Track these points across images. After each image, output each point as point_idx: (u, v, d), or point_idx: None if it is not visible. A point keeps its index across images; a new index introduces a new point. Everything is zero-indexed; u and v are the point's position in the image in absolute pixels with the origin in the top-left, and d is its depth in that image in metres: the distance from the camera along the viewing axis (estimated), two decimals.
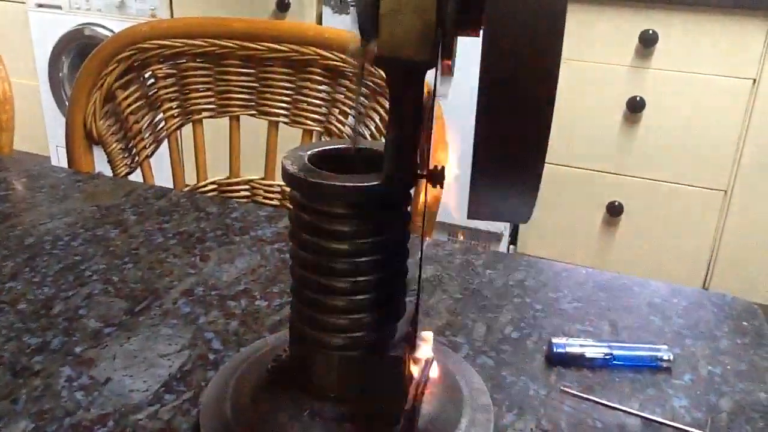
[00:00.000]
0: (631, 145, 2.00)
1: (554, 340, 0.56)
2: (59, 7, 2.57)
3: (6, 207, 0.80)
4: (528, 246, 2.21)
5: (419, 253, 0.45)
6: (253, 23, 0.92)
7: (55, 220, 0.76)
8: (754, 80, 1.82)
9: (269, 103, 0.96)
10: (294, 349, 0.44)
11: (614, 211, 2.06)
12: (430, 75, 0.36)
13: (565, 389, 0.51)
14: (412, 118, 0.36)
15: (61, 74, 2.64)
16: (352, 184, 0.37)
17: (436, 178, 0.39)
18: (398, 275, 0.42)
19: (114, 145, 0.95)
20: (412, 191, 0.41)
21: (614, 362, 0.54)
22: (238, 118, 0.98)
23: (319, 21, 2.19)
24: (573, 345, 0.55)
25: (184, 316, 0.60)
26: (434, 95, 0.38)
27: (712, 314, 0.63)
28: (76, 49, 2.59)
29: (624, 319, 0.61)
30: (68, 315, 0.59)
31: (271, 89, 0.95)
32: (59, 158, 2.79)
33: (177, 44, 0.91)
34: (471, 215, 0.35)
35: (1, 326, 0.57)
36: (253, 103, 0.97)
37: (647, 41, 1.88)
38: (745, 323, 0.61)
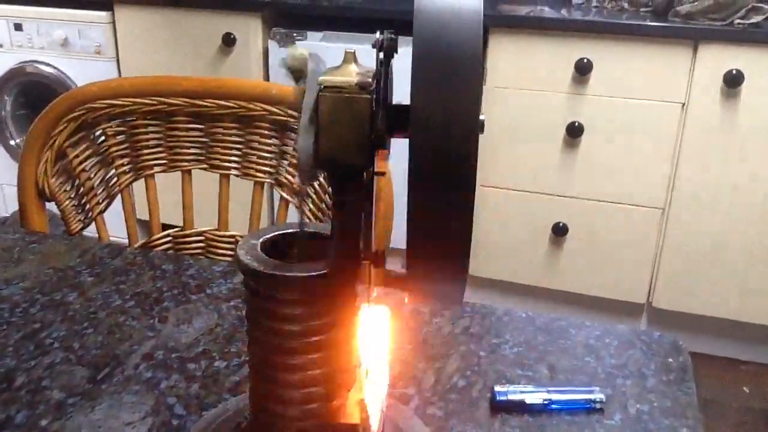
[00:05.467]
0: (572, 168, 2.08)
1: (497, 388, 0.60)
2: (0, 45, 2.54)
3: None
4: (479, 269, 2.27)
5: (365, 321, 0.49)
6: (201, 81, 0.95)
7: (11, 286, 0.77)
8: (683, 104, 1.92)
9: (219, 156, 0.99)
10: (254, 418, 0.48)
11: (559, 231, 2.14)
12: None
13: None
14: (353, 213, 0.40)
15: (3, 113, 2.60)
16: (301, 274, 0.41)
17: (378, 260, 0.43)
18: (348, 346, 0.46)
19: (67, 202, 0.96)
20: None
21: (552, 406, 0.59)
22: (189, 171, 1.00)
23: (265, 55, 2.22)
24: (514, 392, 0.59)
25: (146, 381, 0.62)
26: (373, 188, 0.42)
27: (641, 353, 0.68)
28: (19, 87, 2.56)
29: (561, 362, 0.66)
30: (31, 387, 0.61)
31: (221, 144, 0.98)
32: (5, 197, 2.74)
33: (126, 103, 0.93)
34: (411, 300, 0.39)
35: None
36: (203, 157, 0.99)
37: (582, 69, 1.96)
38: (670, 360, 0.67)
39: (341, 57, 0.39)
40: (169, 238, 1.02)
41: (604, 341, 0.70)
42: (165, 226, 1.09)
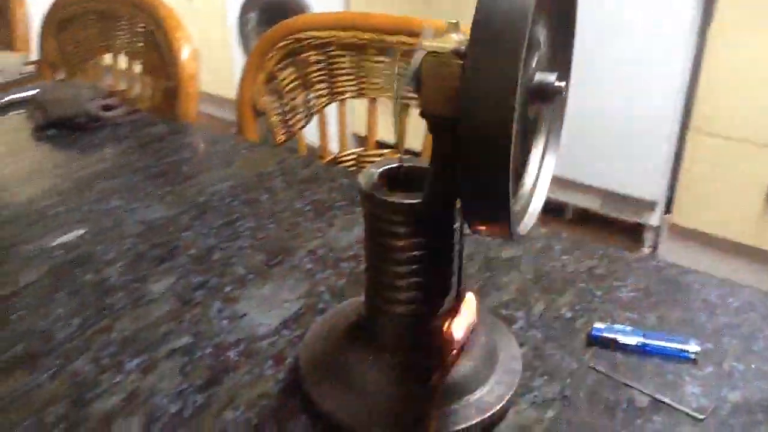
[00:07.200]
0: None
1: (596, 324, 0.66)
2: None
3: (189, 168, 1.02)
4: (683, 216, 2.18)
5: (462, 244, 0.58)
6: (391, 19, 1.05)
7: (221, 183, 0.96)
8: None
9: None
10: (368, 312, 0.59)
11: None
12: None
13: (593, 366, 0.62)
14: (447, 156, 0.49)
15: (248, 28, 2.94)
16: (402, 201, 0.51)
17: None
18: (445, 263, 0.55)
19: (274, 118, 1.13)
20: None
21: (646, 349, 0.63)
22: (374, 99, 1.12)
23: None
24: (611, 330, 0.65)
25: (306, 271, 0.77)
26: None
27: (761, 316, 0.69)
28: (261, 6, 2.87)
29: (673, 313, 0.69)
30: (223, 261, 0.78)
31: (403, 77, 1.08)
32: None
33: (326, 35, 1.07)
34: (472, 232, 0.47)
35: (177, 266, 0.78)
36: (388, 87, 1.11)
37: None
38: None
39: None
40: (354, 156, 1.17)
41: (726, 300, 0.71)
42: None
